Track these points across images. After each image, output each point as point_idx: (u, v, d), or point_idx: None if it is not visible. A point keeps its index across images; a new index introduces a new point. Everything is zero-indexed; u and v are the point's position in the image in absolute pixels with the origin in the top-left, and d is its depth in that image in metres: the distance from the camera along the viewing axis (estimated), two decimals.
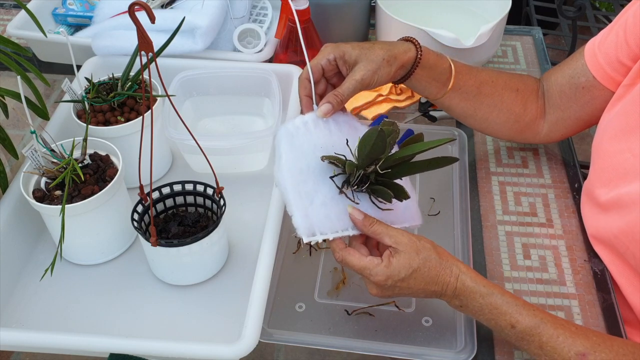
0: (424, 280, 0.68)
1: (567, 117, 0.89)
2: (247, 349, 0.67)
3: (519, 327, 0.66)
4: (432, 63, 0.80)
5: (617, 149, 0.78)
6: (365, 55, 0.74)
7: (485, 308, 0.68)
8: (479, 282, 0.68)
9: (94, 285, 0.81)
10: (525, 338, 0.66)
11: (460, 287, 0.68)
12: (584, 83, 0.84)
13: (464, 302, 0.69)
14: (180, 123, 0.72)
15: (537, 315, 0.66)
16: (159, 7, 1.13)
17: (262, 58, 1.06)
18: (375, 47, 0.75)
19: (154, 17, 0.60)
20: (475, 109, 0.87)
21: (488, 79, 0.86)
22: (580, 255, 0.85)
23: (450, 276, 0.68)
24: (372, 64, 0.74)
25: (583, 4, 1.71)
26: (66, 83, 0.85)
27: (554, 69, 0.91)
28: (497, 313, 0.67)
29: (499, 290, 0.68)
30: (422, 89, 0.84)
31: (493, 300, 0.67)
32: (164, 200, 0.81)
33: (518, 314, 0.66)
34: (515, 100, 0.88)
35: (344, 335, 0.76)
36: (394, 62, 0.76)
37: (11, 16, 1.30)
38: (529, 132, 0.92)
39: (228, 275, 0.82)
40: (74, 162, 0.76)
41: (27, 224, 0.83)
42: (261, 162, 0.96)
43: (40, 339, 0.69)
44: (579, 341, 0.64)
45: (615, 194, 0.77)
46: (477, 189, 0.94)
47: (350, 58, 0.74)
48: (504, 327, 0.67)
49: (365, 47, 0.75)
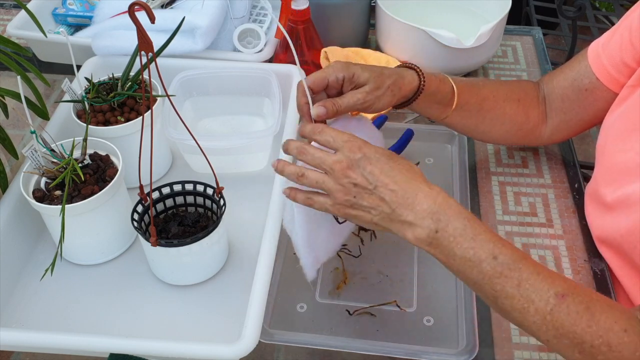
0: (399, 174, 0.63)
1: (569, 120, 0.89)
2: (247, 349, 0.67)
3: (502, 259, 0.61)
4: (434, 89, 0.80)
5: (621, 149, 0.78)
6: (373, 80, 0.73)
7: (469, 231, 0.61)
8: (464, 208, 0.63)
9: (94, 285, 0.81)
10: (505, 273, 0.60)
11: (442, 202, 0.62)
12: (587, 85, 0.84)
13: (443, 224, 0.62)
14: (180, 123, 0.72)
15: (519, 251, 0.62)
16: (159, 7, 1.13)
17: (262, 58, 1.06)
18: (384, 74, 0.75)
19: (154, 17, 0.60)
20: (477, 124, 0.88)
21: (489, 94, 0.86)
22: (580, 255, 0.85)
23: (432, 189, 0.63)
24: (378, 91, 0.73)
25: (583, 4, 1.71)
26: (66, 83, 0.85)
27: (554, 72, 0.91)
28: (480, 240, 0.61)
29: (481, 221, 0.64)
30: (424, 112, 0.84)
31: (478, 226, 0.62)
32: (164, 200, 0.81)
33: (502, 245, 0.62)
34: (517, 111, 0.88)
35: (345, 335, 0.76)
36: (398, 92, 0.75)
37: (11, 16, 1.30)
38: (532, 137, 0.92)
39: (228, 275, 0.82)
40: (74, 162, 0.76)
41: (27, 224, 0.83)
42: (261, 162, 0.96)
43: (40, 339, 0.69)
44: (558, 281, 0.61)
45: (621, 193, 0.77)
46: (477, 189, 0.94)
47: (359, 80, 0.73)
48: (483, 259, 0.61)
49: (375, 71, 0.74)
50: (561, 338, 0.60)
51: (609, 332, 0.58)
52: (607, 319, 0.59)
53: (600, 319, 0.59)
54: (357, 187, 0.63)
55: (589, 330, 0.59)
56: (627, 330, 0.59)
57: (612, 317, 0.59)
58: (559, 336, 0.60)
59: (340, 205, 0.65)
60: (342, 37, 1.13)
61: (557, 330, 0.59)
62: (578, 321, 0.59)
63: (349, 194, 0.64)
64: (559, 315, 0.59)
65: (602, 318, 0.59)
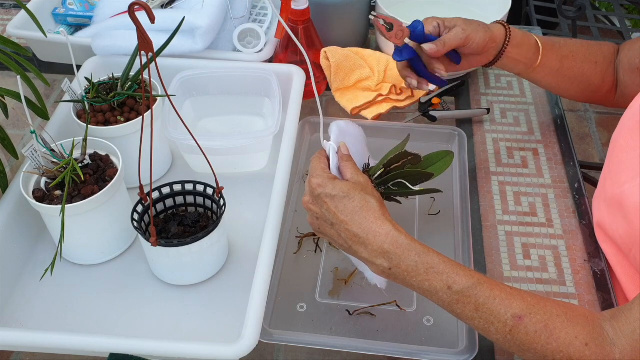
0: (352, 214, 0.66)
1: (625, 94, 0.91)
2: (247, 349, 0.67)
3: (456, 288, 0.63)
4: (520, 40, 0.89)
5: (632, 146, 0.78)
6: (462, 21, 0.87)
7: (420, 267, 0.64)
8: (414, 241, 0.65)
9: (94, 285, 0.81)
10: (462, 300, 0.63)
11: (391, 242, 0.65)
12: (638, 64, 0.88)
13: (395, 262, 0.65)
14: (180, 123, 0.72)
15: (474, 276, 0.64)
16: (159, 7, 1.13)
17: (262, 58, 1.06)
18: (472, 20, 0.87)
19: (154, 17, 0.60)
20: (558, 83, 0.94)
21: (569, 54, 0.91)
22: (580, 255, 0.85)
23: (381, 229, 0.65)
24: (471, 26, 0.86)
25: (583, 4, 1.71)
26: (66, 83, 0.85)
27: (630, 42, 0.93)
28: (433, 273, 0.64)
29: (434, 251, 0.66)
30: (512, 66, 0.92)
31: (430, 259, 0.64)
32: (164, 200, 0.81)
33: (455, 274, 0.64)
34: (594, 73, 0.92)
35: (345, 335, 0.76)
36: (489, 30, 0.86)
37: (11, 16, 1.30)
38: (604, 100, 0.96)
39: (228, 275, 0.82)
40: (74, 162, 0.76)
41: (27, 224, 0.83)
42: (261, 162, 0.96)
43: (40, 339, 0.69)
44: (515, 303, 0.63)
45: (622, 190, 0.77)
46: (477, 189, 0.94)
47: (450, 23, 0.86)
48: (439, 290, 0.64)
49: (462, 19, 0.87)
50: (525, 353, 0.63)
51: (570, 347, 0.61)
52: (567, 335, 0.61)
53: (559, 336, 0.61)
54: (319, 220, 0.70)
55: (549, 347, 0.61)
56: (588, 344, 0.60)
57: (572, 332, 0.61)
58: (522, 352, 0.63)
59: (315, 231, 0.73)
60: (342, 37, 1.13)
61: (519, 347, 0.63)
62: (537, 339, 0.61)
63: (315, 223, 0.71)
64: (518, 335, 0.62)
65: (562, 335, 0.61)
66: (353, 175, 0.70)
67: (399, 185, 0.78)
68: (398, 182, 0.78)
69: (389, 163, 0.78)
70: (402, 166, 0.79)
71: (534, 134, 1.04)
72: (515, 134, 1.04)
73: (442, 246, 0.72)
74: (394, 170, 0.78)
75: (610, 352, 0.60)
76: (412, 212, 0.90)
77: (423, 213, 0.90)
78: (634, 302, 0.62)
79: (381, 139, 0.96)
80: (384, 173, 0.78)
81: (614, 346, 0.60)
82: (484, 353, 0.75)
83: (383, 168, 0.78)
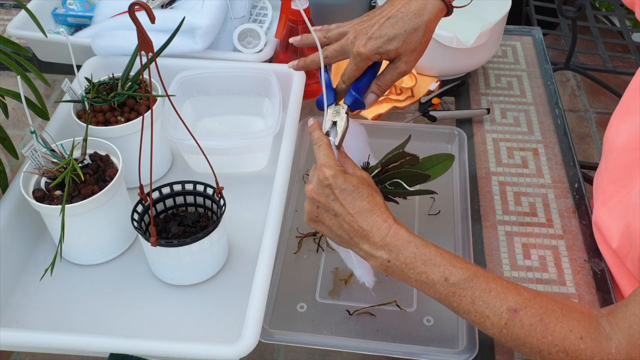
0: (360, 208, 0.66)
1: None
2: (247, 349, 0.67)
3: (453, 280, 0.64)
4: None
5: (632, 148, 0.77)
6: (403, 49, 0.76)
7: (418, 258, 0.65)
8: (414, 235, 0.67)
9: (94, 285, 0.81)
10: (458, 292, 0.64)
11: (392, 234, 0.66)
12: None
13: (394, 254, 0.66)
14: (180, 123, 0.72)
15: (470, 269, 0.65)
16: (159, 7, 1.13)
17: (262, 58, 1.06)
18: (414, 35, 0.75)
19: (154, 17, 0.60)
20: None
21: None
22: (580, 255, 0.85)
23: (384, 222, 0.66)
24: (413, 54, 0.76)
25: (583, 4, 1.71)
26: (66, 83, 0.85)
27: None
28: (430, 264, 0.65)
29: (433, 244, 0.67)
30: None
31: (428, 251, 0.65)
32: (164, 200, 0.81)
33: (452, 266, 0.64)
34: None
35: (345, 335, 0.76)
36: (429, 31, 0.77)
37: (11, 16, 1.30)
38: None
39: (228, 275, 0.82)
40: (74, 162, 0.76)
41: (27, 224, 0.83)
42: (261, 162, 0.96)
43: (40, 339, 0.69)
44: (510, 296, 0.63)
45: (621, 195, 0.77)
46: (477, 189, 0.94)
47: (389, 57, 0.77)
48: (436, 282, 0.64)
49: (400, 37, 0.75)
50: (521, 347, 0.63)
51: (565, 341, 0.61)
52: (561, 329, 0.61)
53: (554, 329, 0.61)
54: (320, 209, 0.69)
55: (544, 341, 0.61)
56: (583, 338, 0.61)
57: (567, 326, 0.61)
58: (518, 346, 0.63)
59: (309, 219, 0.71)
60: None
61: (515, 341, 0.63)
62: (532, 333, 0.62)
63: (313, 211, 0.70)
64: (513, 328, 0.62)
65: (557, 328, 0.61)
66: (355, 170, 0.71)
67: (396, 185, 0.78)
68: (394, 181, 0.78)
69: (387, 162, 0.78)
70: (400, 166, 0.79)
71: (534, 134, 1.04)
72: (515, 134, 1.04)
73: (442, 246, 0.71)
74: (392, 170, 0.78)
75: (606, 347, 0.60)
76: (412, 212, 0.90)
77: (423, 213, 0.90)
78: (630, 298, 0.62)
79: (381, 139, 0.96)
80: (381, 172, 0.78)
81: (610, 341, 0.60)
82: (484, 353, 0.75)
83: (380, 167, 0.78)
